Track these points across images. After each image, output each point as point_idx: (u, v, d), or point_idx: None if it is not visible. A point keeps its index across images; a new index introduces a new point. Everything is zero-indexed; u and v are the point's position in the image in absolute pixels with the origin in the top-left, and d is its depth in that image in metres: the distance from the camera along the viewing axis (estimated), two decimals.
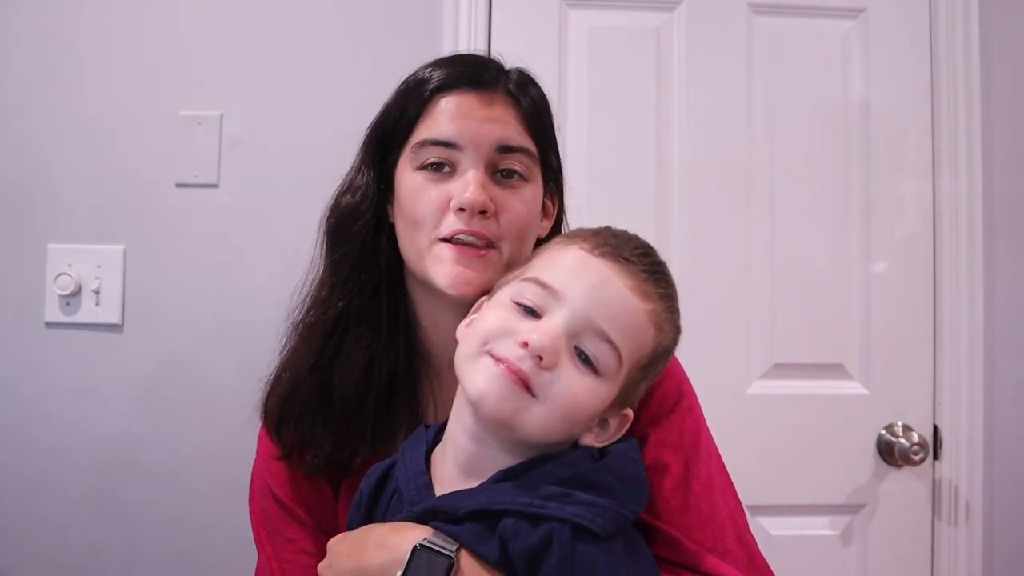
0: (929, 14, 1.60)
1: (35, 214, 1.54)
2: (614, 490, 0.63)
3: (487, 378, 0.63)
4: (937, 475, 1.57)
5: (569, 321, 0.63)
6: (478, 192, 0.76)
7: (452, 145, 0.79)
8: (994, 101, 1.58)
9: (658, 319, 0.67)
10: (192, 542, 1.51)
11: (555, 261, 0.68)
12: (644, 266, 0.67)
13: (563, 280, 0.65)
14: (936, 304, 1.58)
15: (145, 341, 1.53)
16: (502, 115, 0.80)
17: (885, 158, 1.60)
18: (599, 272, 0.65)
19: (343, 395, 0.82)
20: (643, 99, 1.59)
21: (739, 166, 1.59)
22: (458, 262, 0.77)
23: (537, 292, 0.65)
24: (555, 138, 0.89)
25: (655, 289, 0.67)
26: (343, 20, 1.57)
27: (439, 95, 0.81)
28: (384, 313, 0.84)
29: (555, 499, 0.61)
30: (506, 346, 0.63)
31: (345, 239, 0.84)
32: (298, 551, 0.83)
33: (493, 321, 0.66)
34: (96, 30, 1.55)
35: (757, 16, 1.61)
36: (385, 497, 0.72)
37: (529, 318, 0.65)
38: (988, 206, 1.57)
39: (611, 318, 0.64)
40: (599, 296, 0.64)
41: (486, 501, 0.63)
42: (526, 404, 0.62)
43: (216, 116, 1.55)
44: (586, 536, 0.60)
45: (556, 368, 0.63)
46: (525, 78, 0.86)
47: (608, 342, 0.64)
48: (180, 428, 1.52)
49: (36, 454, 1.51)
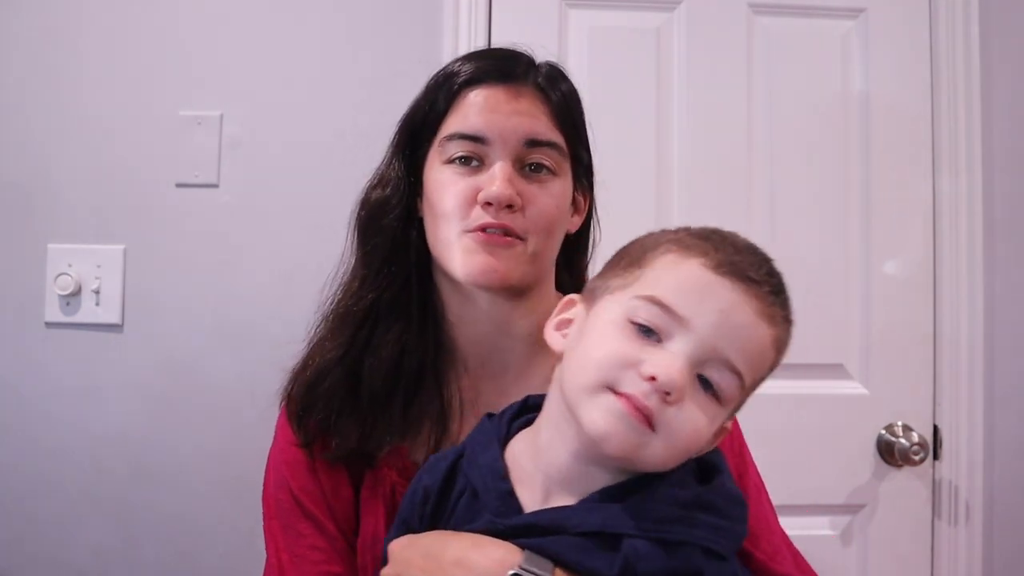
0: (929, 14, 1.60)
1: (35, 214, 1.54)
2: (725, 511, 0.63)
3: (609, 416, 0.59)
4: (937, 475, 1.57)
5: (696, 352, 0.59)
6: (505, 186, 0.76)
7: (479, 139, 0.78)
8: (994, 101, 1.58)
9: (780, 343, 0.64)
10: (192, 542, 1.51)
11: (673, 277, 0.62)
12: (770, 287, 0.63)
13: (687, 304, 0.60)
14: (936, 304, 1.58)
15: (145, 341, 1.53)
16: (530, 109, 0.80)
17: (885, 158, 1.60)
18: (726, 297, 0.60)
19: (372, 386, 0.81)
20: (643, 99, 1.59)
21: (739, 166, 1.59)
22: (483, 251, 0.77)
23: (656, 313, 0.60)
24: (586, 133, 0.88)
25: (780, 312, 0.64)
26: (343, 20, 1.57)
27: (468, 89, 0.81)
28: (414, 306, 0.84)
29: (680, 523, 0.60)
30: (630, 380, 0.59)
31: (376, 232, 0.84)
32: (309, 546, 0.82)
33: (611, 348, 0.61)
34: (96, 30, 1.55)
35: (757, 16, 1.61)
36: (453, 495, 0.69)
37: (647, 340, 0.60)
38: (988, 206, 1.57)
39: (739, 348, 0.60)
40: (727, 324, 0.60)
41: (602, 523, 0.60)
42: (647, 440, 0.59)
43: (216, 116, 1.55)
44: (713, 558, 0.60)
45: (683, 403, 0.59)
46: (555, 72, 0.85)
47: (734, 372, 0.61)
48: (180, 428, 1.52)
49: (36, 454, 1.52)
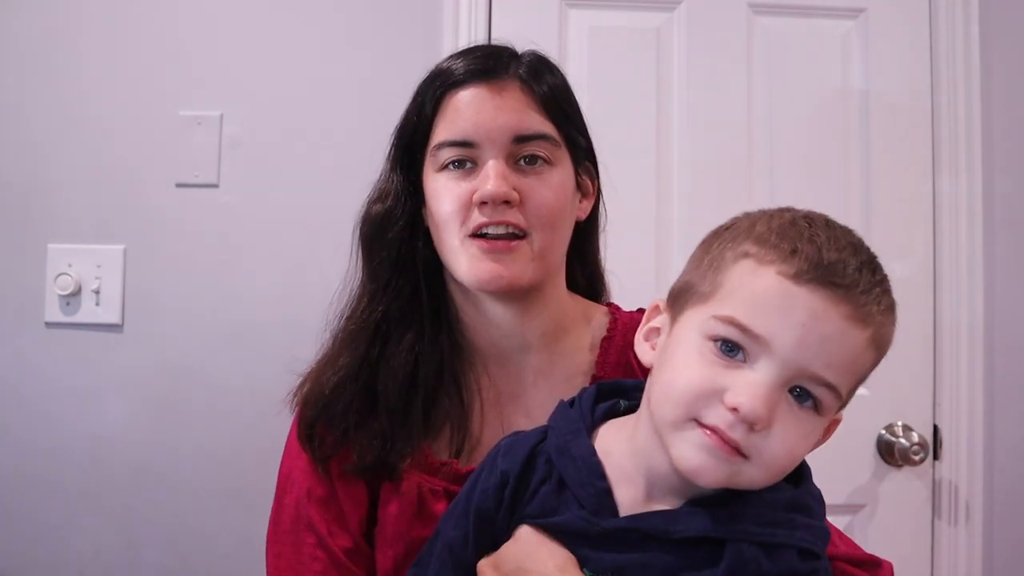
0: (929, 14, 1.60)
1: (35, 214, 1.54)
2: (815, 510, 0.63)
3: (699, 452, 0.56)
4: (937, 475, 1.57)
5: (781, 374, 0.56)
6: (498, 183, 0.75)
7: (468, 143, 0.78)
8: (994, 101, 1.58)
9: (880, 340, 0.59)
10: (192, 542, 1.51)
11: (750, 291, 0.57)
12: (863, 284, 0.57)
13: (766, 323, 0.56)
14: (936, 304, 1.58)
15: (145, 341, 1.53)
16: (515, 103, 0.79)
17: (885, 158, 1.60)
18: (809, 308, 0.55)
19: (388, 398, 0.81)
20: (643, 99, 1.59)
21: (739, 166, 1.59)
22: (487, 257, 0.76)
23: (736, 333, 0.57)
24: (580, 117, 0.86)
25: (876, 307, 0.58)
26: (343, 20, 1.57)
27: (451, 92, 0.80)
28: (425, 314, 0.83)
29: (782, 526, 0.59)
30: (714, 411, 0.56)
31: (381, 246, 0.84)
32: (312, 558, 0.81)
33: (692, 377, 0.57)
34: (96, 30, 1.55)
35: (757, 16, 1.61)
36: (534, 481, 0.66)
37: (731, 361, 0.57)
38: (988, 206, 1.57)
39: (829, 362, 0.56)
40: (812, 338, 0.55)
41: (707, 528, 0.59)
42: (739, 468, 0.57)
43: (216, 116, 1.55)
44: (810, 559, 0.60)
45: (772, 427, 0.56)
46: (539, 61, 0.84)
47: (829, 387, 0.57)
48: (180, 428, 1.52)
49: (36, 454, 1.52)
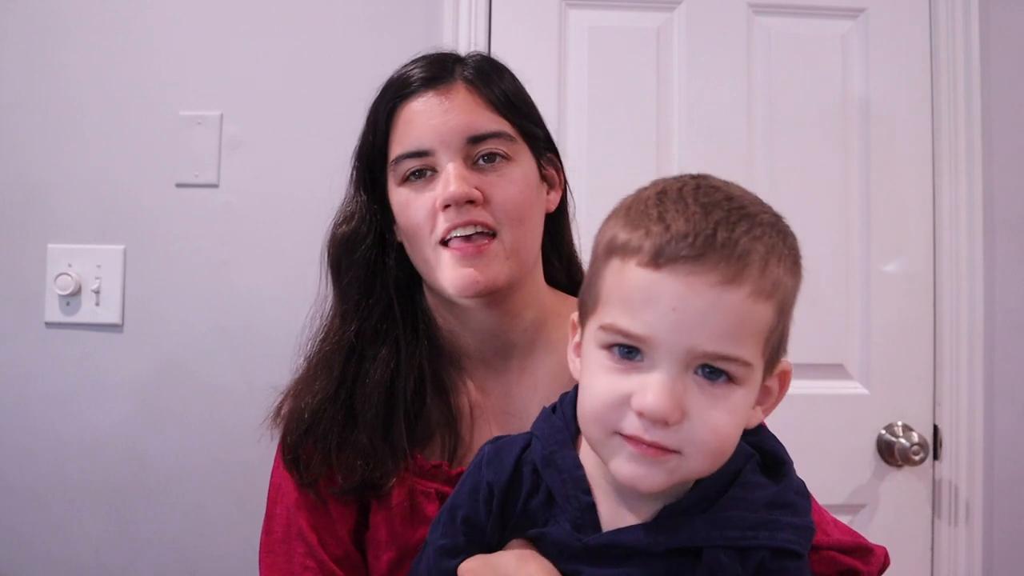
0: (929, 14, 1.60)
1: (35, 214, 1.54)
2: (799, 507, 0.62)
3: (628, 463, 0.56)
4: (937, 475, 1.57)
5: (674, 365, 0.54)
6: (459, 184, 0.76)
7: (423, 153, 0.78)
8: (994, 101, 1.58)
9: (763, 290, 0.55)
10: (192, 542, 1.51)
11: (622, 293, 0.56)
12: (716, 243, 0.53)
13: (641, 320, 0.54)
14: (936, 304, 1.58)
15: (145, 341, 1.53)
16: (464, 105, 0.79)
17: (885, 158, 1.60)
18: (673, 290, 0.53)
19: (367, 417, 0.80)
20: (643, 99, 1.59)
21: (739, 166, 1.59)
22: (461, 263, 0.76)
23: (621, 338, 0.56)
24: (533, 109, 0.86)
25: (740, 262, 0.53)
26: (343, 20, 1.57)
27: (400, 105, 0.80)
28: (400, 328, 0.83)
29: (763, 527, 0.58)
30: (628, 421, 0.55)
31: (349, 266, 0.84)
32: (303, 568, 0.81)
33: (599, 391, 0.57)
34: (96, 30, 1.55)
35: (757, 16, 1.61)
36: (523, 492, 0.65)
37: (631, 364, 0.56)
38: (988, 206, 1.57)
39: (714, 335, 0.53)
40: (687, 317, 0.53)
41: (690, 538, 0.58)
42: (676, 463, 0.55)
43: (216, 116, 1.55)
44: (791, 558, 0.59)
45: (687, 413, 0.54)
46: (484, 61, 0.85)
47: (725, 358, 0.54)
48: (180, 428, 1.52)
49: (36, 454, 1.51)
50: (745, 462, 0.61)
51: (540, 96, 1.54)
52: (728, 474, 0.60)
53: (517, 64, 0.88)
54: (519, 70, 0.89)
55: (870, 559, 0.74)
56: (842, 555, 0.73)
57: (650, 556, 0.58)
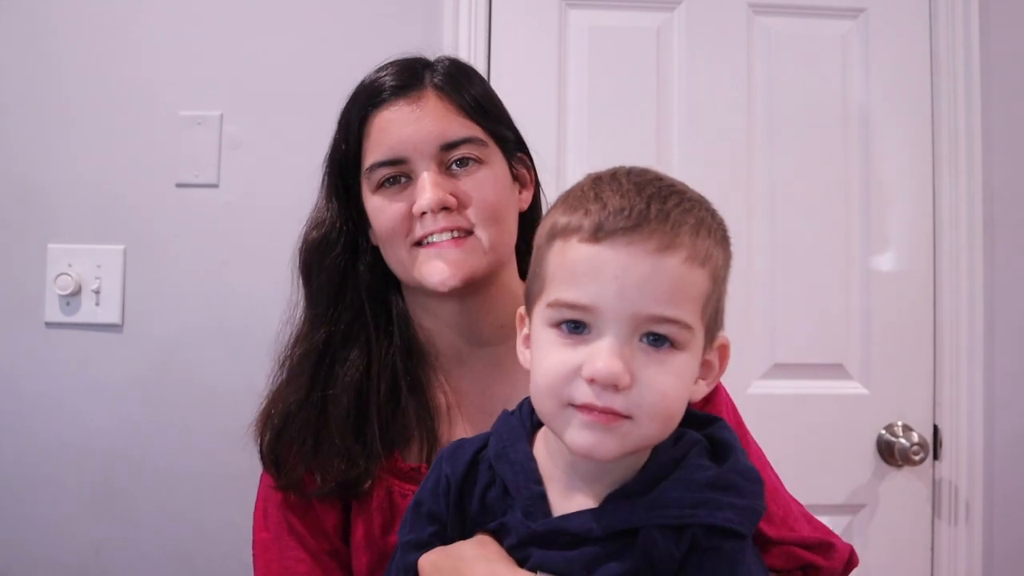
0: (929, 14, 1.60)
1: (35, 214, 1.54)
2: (744, 489, 0.62)
3: (582, 431, 0.58)
4: (937, 475, 1.57)
5: (618, 330, 0.57)
6: (434, 192, 0.78)
7: (398, 161, 0.80)
8: (994, 101, 1.58)
9: (696, 256, 0.58)
10: (192, 542, 1.51)
11: (567, 268, 0.59)
12: (651, 215, 0.58)
13: (587, 291, 0.57)
14: (936, 304, 1.58)
15: (145, 341, 1.53)
16: (435, 112, 0.80)
17: (885, 157, 1.60)
18: (615, 260, 0.57)
19: (338, 418, 0.82)
20: (643, 99, 1.59)
21: (739, 165, 1.59)
22: (439, 257, 0.79)
23: (568, 313, 0.59)
24: (502, 112, 0.88)
25: (673, 231, 0.58)
26: (343, 20, 1.57)
27: (371, 115, 0.82)
28: (371, 331, 0.85)
29: (702, 506, 0.60)
30: (580, 390, 0.57)
31: (319, 271, 0.86)
32: (294, 559, 0.83)
33: (550, 366, 0.59)
34: (96, 30, 1.55)
35: (757, 16, 1.61)
36: (478, 487, 0.67)
37: (579, 337, 0.59)
38: (988, 206, 1.57)
39: (657, 298, 0.57)
40: (629, 284, 0.56)
41: (629, 520, 0.60)
42: (628, 428, 0.58)
43: (216, 116, 1.55)
44: (731, 537, 0.60)
45: (635, 378, 0.57)
46: (453, 66, 0.85)
47: (668, 320, 0.57)
48: (180, 428, 1.52)
49: (36, 454, 1.52)
50: (691, 447, 0.63)
51: (540, 96, 1.57)
52: (674, 459, 0.62)
53: (517, 64, 0.89)
54: (519, 70, 0.89)
55: (832, 555, 0.75)
56: (802, 550, 0.74)
57: (594, 541, 0.60)
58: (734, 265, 0.66)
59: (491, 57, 1.56)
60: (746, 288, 1.57)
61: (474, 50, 1.55)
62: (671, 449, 0.63)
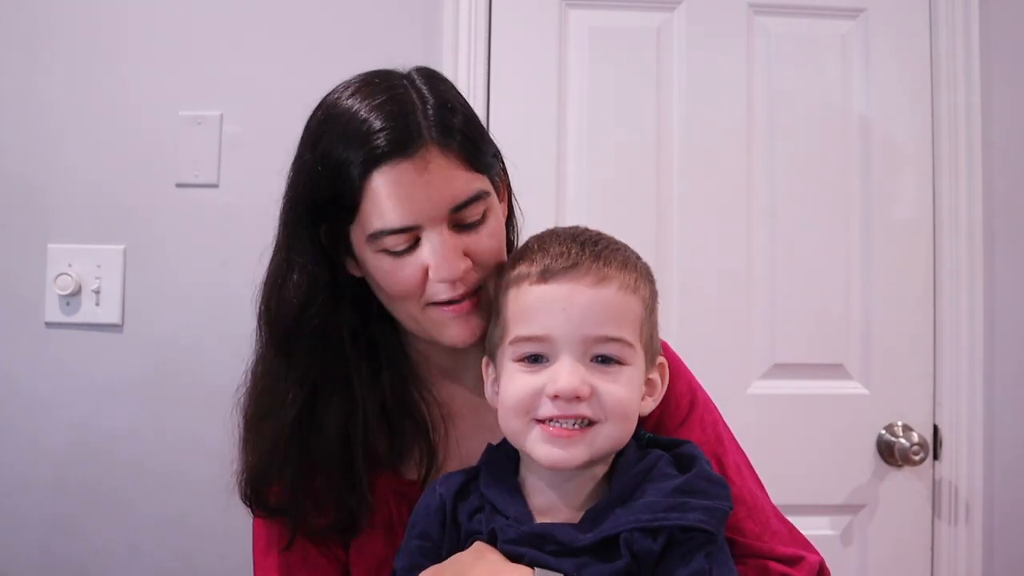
0: (929, 14, 1.60)
1: (35, 214, 1.54)
2: (710, 492, 0.68)
3: (547, 445, 0.67)
4: (937, 475, 1.57)
5: (574, 351, 0.67)
6: (455, 264, 0.75)
7: (407, 229, 0.75)
8: (994, 101, 1.58)
9: (627, 286, 0.70)
10: (192, 542, 1.51)
11: (523, 309, 0.70)
12: (588, 257, 0.70)
13: (541, 323, 0.68)
14: (936, 304, 1.58)
15: (145, 341, 1.53)
16: (441, 174, 0.74)
17: (885, 157, 1.60)
18: (559, 293, 0.69)
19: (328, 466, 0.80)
20: (643, 99, 1.59)
21: (739, 166, 1.59)
22: (456, 320, 0.78)
23: (529, 346, 0.69)
24: (485, 136, 0.82)
25: (605, 267, 0.70)
26: (343, 20, 1.57)
27: (369, 175, 0.74)
28: (354, 376, 0.82)
29: (674, 510, 0.66)
30: (544, 407, 0.67)
31: (297, 338, 0.80)
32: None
33: (518, 390, 0.69)
34: (96, 30, 1.55)
35: (757, 16, 1.61)
36: (467, 508, 0.73)
37: (541, 366, 0.69)
38: (988, 206, 1.57)
39: (597, 321, 0.68)
40: (575, 312, 0.68)
41: (609, 528, 0.66)
42: (592, 436, 0.67)
43: (216, 116, 1.55)
44: (701, 534, 0.66)
45: (594, 389, 0.67)
46: (443, 108, 0.77)
47: (611, 340, 0.68)
48: (180, 428, 1.52)
49: (36, 454, 1.52)
50: (656, 461, 0.71)
51: (540, 96, 1.57)
52: (641, 472, 0.70)
53: (517, 64, 0.88)
54: (519, 70, 0.88)
55: (801, 565, 0.76)
56: (775, 563, 0.75)
57: (579, 551, 0.66)
58: (734, 265, 0.68)
59: (491, 57, 1.56)
60: (746, 288, 1.57)
61: (474, 50, 1.55)
62: (638, 464, 0.70)
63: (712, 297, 1.56)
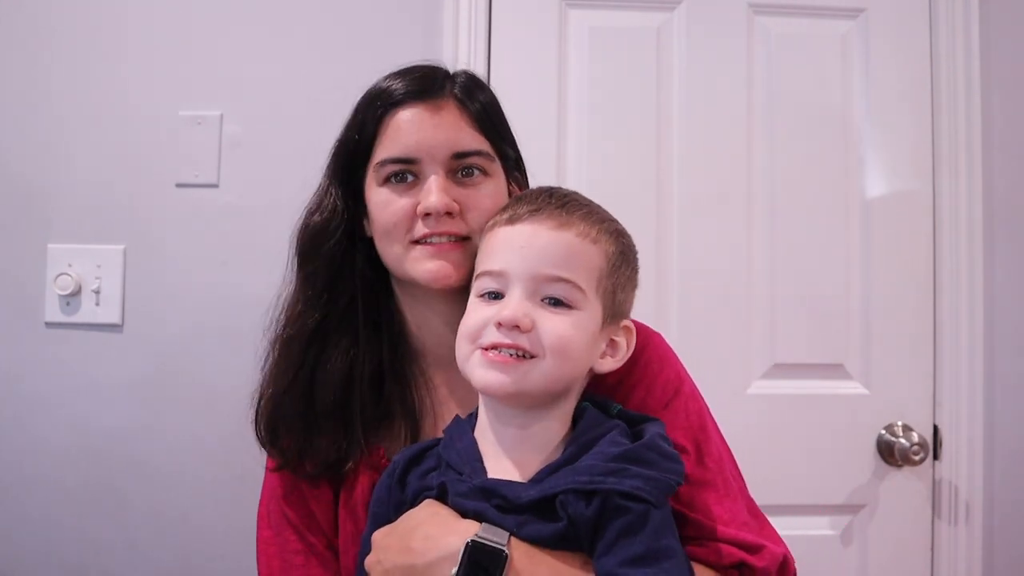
0: (929, 14, 1.60)
1: (35, 214, 1.54)
2: (655, 463, 0.70)
3: (485, 369, 0.71)
4: (937, 475, 1.57)
5: (525, 286, 0.72)
6: (441, 196, 0.81)
7: (410, 160, 0.83)
8: (994, 101, 1.58)
9: (586, 235, 0.74)
10: (192, 542, 1.51)
11: (490, 248, 0.76)
12: (554, 205, 0.75)
13: (501, 259, 0.74)
14: (936, 304, 1.58)
15: (145, 341, 1.53)
16: (452, 121, 0.84)
17: (885, 157, 1.60)
18: (522, 233, 0.74)
19: (324, 402, 0.85)
20: (643, 99, 1.59)
21: (739, 166, 1.59)
22: (435, 256, 0.82)
23: (489, 280, 0.74)
24: (509, 131, 0.91)
25: (570, 216, 0.74)
26: (343, 20, 1.57)
27: (391, 112, 0.84)
28: (360, 322, 0.88)
29: (612, 475, 0.67)
30: (488, 334, 0.72)
31: (315, 257, 0.88)
32: (294, 551, 0.87)
33: (470, 320, 0.74)
34: (96, 29, 1.55)
35: (757, 16, 1.61)
36: (422, 468, 0.77)
37: (495, 301, 0.73)
38: (988, 206, 1.57)
39: (551, 261, 0.72)
40: (531, 251, 0.72)
41: (550, 488, 0.68)
42: (528, 368, 0.70)
43: (216, 116, 1.55)
44: (639, 502, 0.67)
45: (536, 325, 0.71)
46: (472, 81, 0.89)
47: (561, 280, 0.72)
48: (180, 428, 1.52)
49: (36, 454, 1.52)
50: (611, 428, 0.73)
51: (540, 96, 1.57)
52: (595, 438, 0.72)
53: (517, 64, 0.90)
54: (519, 70, 0.90)
55: (761, 553, 0.77)
56: (737, 549, 0.76)
57: (522, 509, 0.69)
58: (734, 265, 0.68)
59: (491, 57, 1.56)
60: (746, 288, 1.57)
61: (474, 50, 1.55)
62: (594, 430, 0.73)
63: (712, 297, 1.56)
